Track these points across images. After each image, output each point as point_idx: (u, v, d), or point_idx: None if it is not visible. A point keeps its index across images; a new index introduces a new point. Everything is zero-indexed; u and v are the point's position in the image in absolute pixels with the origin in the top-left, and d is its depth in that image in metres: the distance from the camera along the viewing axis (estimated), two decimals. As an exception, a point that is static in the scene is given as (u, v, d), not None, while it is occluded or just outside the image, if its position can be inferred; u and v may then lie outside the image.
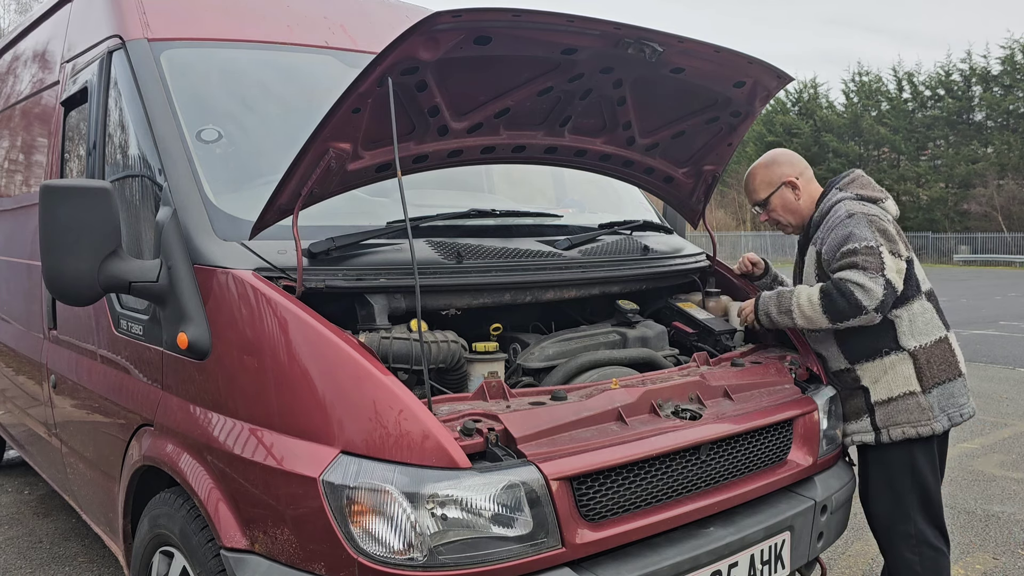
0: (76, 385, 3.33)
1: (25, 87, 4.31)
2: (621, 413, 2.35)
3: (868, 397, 2.95)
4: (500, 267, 2.68)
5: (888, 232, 2.86)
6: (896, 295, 2.80)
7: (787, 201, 3.14)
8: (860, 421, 2.98)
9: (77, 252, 2.39)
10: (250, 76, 3.09)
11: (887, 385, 2.91)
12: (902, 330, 2.90)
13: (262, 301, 2.25)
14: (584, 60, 2.53)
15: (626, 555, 2.20)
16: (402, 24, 2.25)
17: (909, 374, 2.89)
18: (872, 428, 2.94)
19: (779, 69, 2.81)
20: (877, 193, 3.07)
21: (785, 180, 3.13)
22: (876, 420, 2.93)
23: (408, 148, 2.58)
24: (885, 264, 2.77)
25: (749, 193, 3.24)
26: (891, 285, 2.76)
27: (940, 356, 2.93)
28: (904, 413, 2.89)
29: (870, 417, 2.94)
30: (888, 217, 2.95)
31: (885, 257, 2.78)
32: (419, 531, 1.94)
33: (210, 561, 2.27)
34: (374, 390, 2.05)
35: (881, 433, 2.93)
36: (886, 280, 2.75)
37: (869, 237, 2.81)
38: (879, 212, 2.94)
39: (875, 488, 3.01)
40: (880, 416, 2.92)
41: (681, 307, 3.25)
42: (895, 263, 2.80)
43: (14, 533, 4.57)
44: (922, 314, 2.93)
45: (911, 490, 2.92)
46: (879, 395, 2.92)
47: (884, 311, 2.79)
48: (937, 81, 47.90)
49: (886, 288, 2.74)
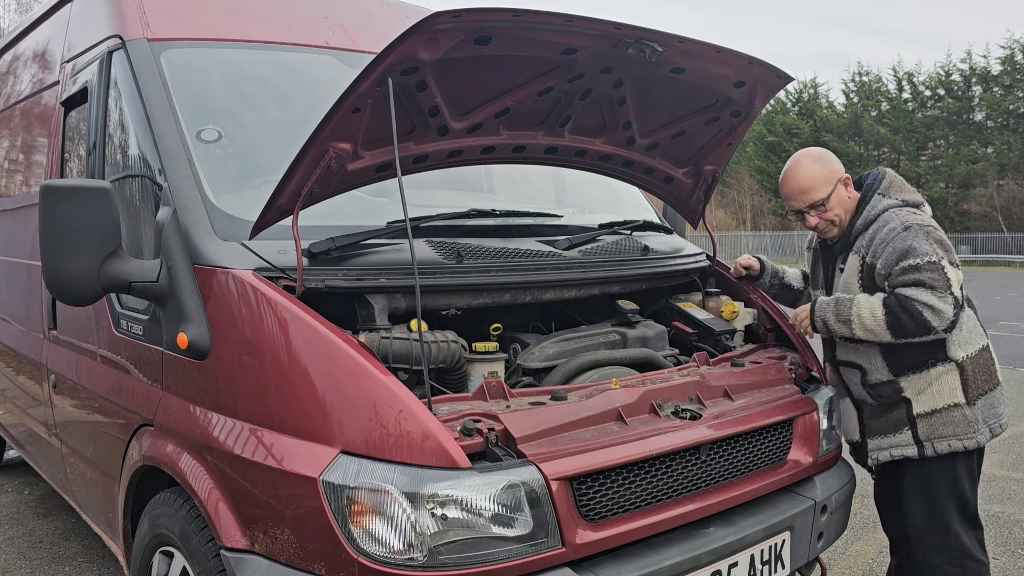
0: (76, 385, 3.33)
1: (25, 87, 4.31)
2: (621, 413, 2.36)
3: (910, 409, 2.83)
4: (500, 267, 2.68)
5: (945, 243, 2.76)
6: (962, 309, 2.71)
7: (844, 200, 2.95)
8: (899, 434, 2.86)
9: (77, 252, 2.39)
10: (250, 76, 3.09)
11: (931, 397, 2.80)
12: (951, 340, 2.79)
13: (262, 301, 2.25)
14: (584, 60, 2.53)
15: (626, 555, 2.20)
16: (402, 24, 2.25)
17: (955, 385, 2.80)
18: (914, 441, 2.82)
19: (779, 69, 2.81)
20: (917, 196, 2.95)
21: (841, 177, 2.95)
22: (919, 433, 2.81)
23: (408, 148, 2.58)
24: (950, 280, 2.67)
25: (803, 193, 2.94)
26: (958, 302, 2.68)
27: (983, 365, 2.84)
28: (949, 426, 2.78)
29: (911, 430, 2.82)
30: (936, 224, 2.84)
31: (948, 271, 2.68)
32: (419, 531, 1.94)
33: (210, 561, 2.27)
34: (374, 390, 2.05)
35: (924, 446, 2.81)
36: (954, 298, 2.67)
37: (930, 252, 2.70)
38: (932, 222, 2.83)
39: (911, 501, 2.89)
40: (923, 429, 2.81)
41: (681, 307, 3.25)
42: (956, 275, 2.70)
43: (14, 533, 4.57)
44: (967, 322, 2.84)
45: (951, 502, 2.82)
46: (922, 407, 2.81)
47: (953, 329, 2.71)
48: (937, 81, 47.87)
49: (955, 306, 2.67)
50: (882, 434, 2.91)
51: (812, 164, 2.96)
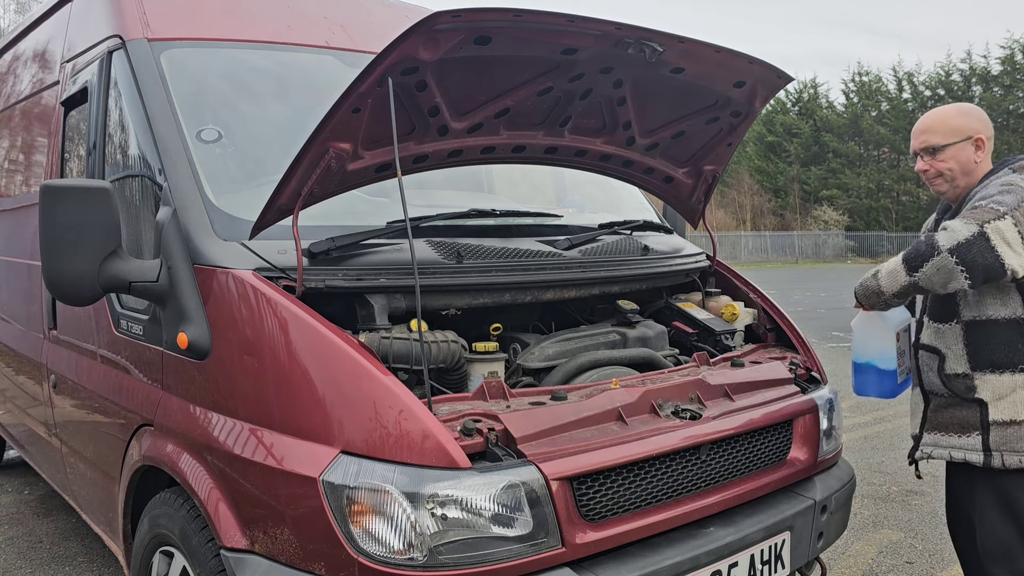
0: (76, 385, 3.33)
1: (25, 87, 4.31)
2: (621, 413, 2.35)
3: (985, 414, 2.57)
4: (500, 267, 2.68)
5: None
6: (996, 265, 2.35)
7: (966, 160, 2.66)
8: (967, 437, 2.61)
9: (77, 252, 2.39)
10: (250, 76, 3.09)
11: (1013, 406, 2.54)
12: None
13: (262, 301, 2.25)
14: (584, 60, 2.53)
15: (626, 555, 2.20)
16: (402, 24, 2.25)
17: None
18: (983, 448, 2.58)
19: (779, 69, 2.81)
20: None
21: (976, 136, 2.66)
22: (990, 441, 2.56)
23: (408, 148, 2.58)
24: (999, 227, 2.34)
25: (923, 132, 2.72)
26: (987, 241, 2.34)
27: None
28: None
29: (982, 436, 2.58)
30: None
31: (1003, 222, 2.35)
32: (419, 531, 1.94)
33: (210, 561, 2.27)
34: (374, 390, 2.05)
35: (993, 456, 2.56)
36: (981, 231, 2.34)
37: (1007, 203, 2.39)
38: None
39: (989, 517, 2.64)
40: (996, 437, 2.55)
41: (681, 307, 3.25)
42: (1014, 234, 2.36)
43: (14, 533, 4.57)
44: None
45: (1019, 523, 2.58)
46: (1001, 415, 2.54)
47: (966, 263, 2.36)
48: (937, 81, 47.91)
49: (977, 238, 2.34)
50: (945, 431, 2.67)
51: (951, 111, 2.74)
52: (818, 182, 50.45)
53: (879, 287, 2.60)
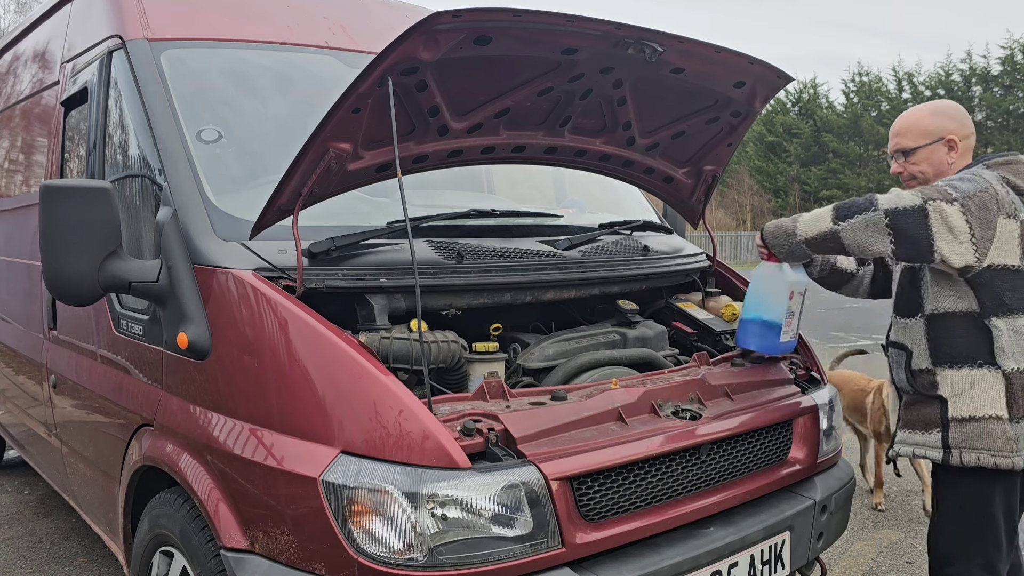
0: (76, 385, 3.33)
1: (25, 87, 4.31)
2: (621, 413, 2.35)
3: (945, 410, 2.51)
4: (500, 267, 2.68)
5: (988, 211, 2.36)
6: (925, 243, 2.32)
7: (938, 161, 2.62)
8: (928, 434, 2.55)
9: (77, 252, 2.39)
10: (250, 76, 3.09)
11: (971, 402, 2.46)
12: (1001, 344, 2.43)
13: (262, 301, 2.25)
14: (584, 60, 2.53)
15: (626, 555, 2.20)
16: (402, 24, 2.25)
17: (999, 397, 2.44)
18: (942, 446, 2.51)
19: (779, 69, 2.81)
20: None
21: (946, 136, 2.61)
22: (949, 438, 2.49)
23: (408, 148, 2.58)
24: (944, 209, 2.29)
25: (896, 135, 2.71)
26: (924, 217, 2.30)
27: None
28: (984, 438, 2.44)
29: (942, 433, 2.51)
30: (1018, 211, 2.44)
31: (950, 207, 2.30)
32: (419, 531, 1.94)
33: (210, 561, 2.27)
34: (374, 390, 2.05)
35: (952, 453, 2.48)
36: (922, 205, 2.30)
37: (962, 189, 2.34)
38: (1013, 199, 2.44)
39: (942, 518, 2.60)
40: (955, 434, 2.48)
41: (681, 307, 3.25)
42: (960, 221, 2.30)
43: (14, 533, 4.57)
44: None
45: (980, 529, 2.51)
46: (959, 411, 2.48)
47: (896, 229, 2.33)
48: (937, 81, 47.88)
49: (916, 211, 2.30)
50: (912, 428, 2.62)
51: (923, 112, 2.71)
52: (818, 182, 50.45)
53: (794, 228, 2.56)
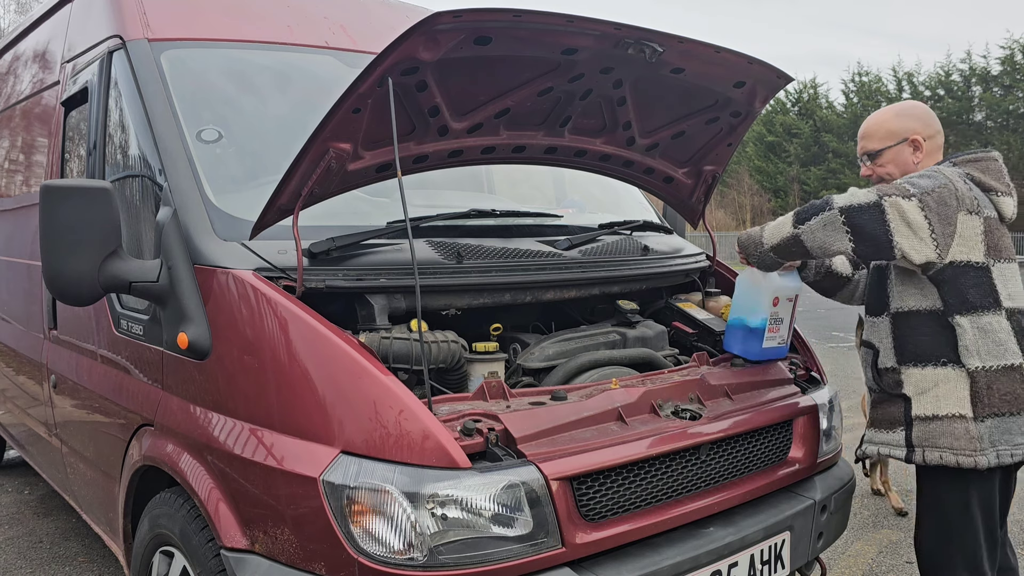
0: (76, 385, 3.33)
1: (25, 87, 4.31)
2: (621, 413, 2.36)
3: (908, 409, 2.51)
4: (500, 267, 2.68)
5: (946, 206, 2.35)
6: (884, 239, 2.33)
7: (904, 161, 2.63)
8: (893, 432, 2.56)
9: (77, 252, 2.39)
10: (250, 76, 3.09)
11: (934, 401, 2.46)
12: (964, 343, 2.42)
13: (262, 301, 2.25)
14: (584, 60, 2.53)
15: (626, 555, 2.21)
16: (402, 24, 2.25)
17: (963, 396, 2.42)
18: (905, 444, 2.51)
19: (779, 69, 2.81)
20: (994, 183, 2.52)
21: (910, 136, 2.62)
22: (912, 436, 2.49)
23: (408, 148, 2.58)
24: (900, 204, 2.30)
25: (861, 138, 2.73)
26: (881, 212, 2.31)
27: (1006, 386, 2.42)
28: (947, 437, 2.43)
29: (905, 431, 2.51)
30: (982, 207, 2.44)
31: (907, 202, 2.31)
32: (419, 531, 1.94)
33: (210, 561, 2.27)
34: (374, 390, 2.05)
35: (915, 452, 2.49)
36: (878, 201, 2.32)
37: (920, 185, 2.35)
38: (975, 196, 2.43)
39: (922, 518, 2.61)
40: (918, 433, 2.48)
41: (681, 307, 3.25)
42: (918, 216, 2.31)
43: (14, 533, 4.57)
44: (993, 332, 2.42)
45: (959, 528, 2.50)
46: (922, 410, 2.47)
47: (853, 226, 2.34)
48: (937, 81, 47.87)
49: (872, 207, 2.32)
50: (877, 427, 2.63)
51: (887, 114, 2.72)
52: (818, 182, 50.43)
53: (760, 236, 2.59)
